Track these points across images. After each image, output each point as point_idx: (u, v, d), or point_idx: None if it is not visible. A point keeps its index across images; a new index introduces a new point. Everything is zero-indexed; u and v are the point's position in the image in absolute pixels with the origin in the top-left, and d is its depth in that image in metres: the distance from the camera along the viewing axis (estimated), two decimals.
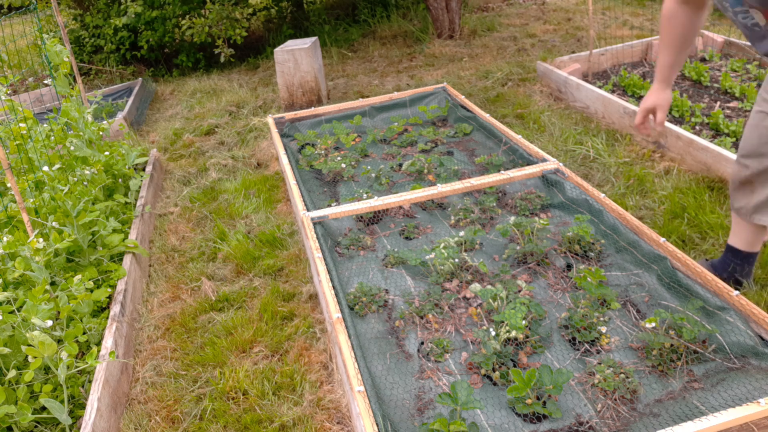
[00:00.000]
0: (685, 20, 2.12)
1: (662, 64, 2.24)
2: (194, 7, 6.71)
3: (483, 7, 7.96)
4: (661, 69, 2.25)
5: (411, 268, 2.49)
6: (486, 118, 3.73)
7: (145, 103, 5.69)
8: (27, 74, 7.15)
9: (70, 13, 7.56)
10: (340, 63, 6.32)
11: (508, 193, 2.98)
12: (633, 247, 2.36)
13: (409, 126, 4.03)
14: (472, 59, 5.75)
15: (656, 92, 2.26)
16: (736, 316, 1.90)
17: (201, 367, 2.29)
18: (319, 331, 2.37)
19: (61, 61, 3.50)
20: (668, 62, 2.22)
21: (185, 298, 2.71)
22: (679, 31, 2.16)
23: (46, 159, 3.16)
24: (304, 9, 8.24)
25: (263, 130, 4.56)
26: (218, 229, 3.22)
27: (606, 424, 1.71)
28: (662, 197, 2.93)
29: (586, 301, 2.13)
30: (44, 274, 2.36)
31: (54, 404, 1.89)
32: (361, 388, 1.80)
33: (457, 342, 2.09)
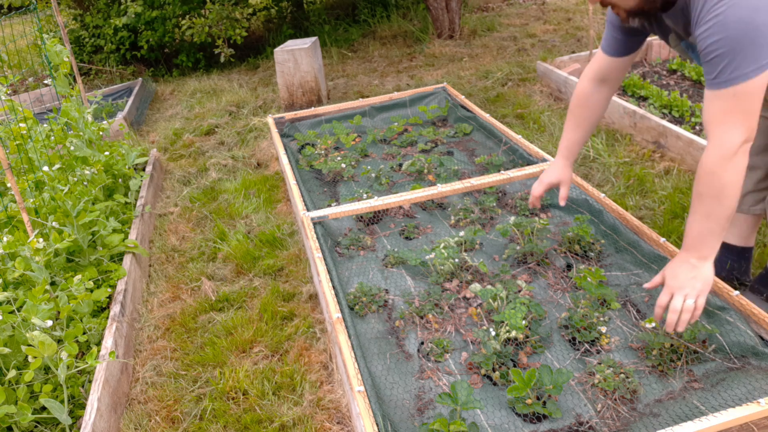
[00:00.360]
0: (601, 100, 2.14)
1: (571, 141, 2.24)
2: (194, 7, 6.71)
3: (483, 7, 7.96)
4: (569, 146, 2.25)
5: (411, 268, 2.49)
6: (486, 118, 3.73)
7: (145, 103, 5.69)
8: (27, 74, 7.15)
9: (70, 13, 7.56)
10: (340, 63, 6.32)
11: (508, 193, 2.98)
12: (633, 247, 2.36)
13: (409, 126, 4.03)
14: (472, 59, 5.75)
15: (561, 168, 2.30)
16: (736, 316, 1.90)
17: (201, 367, 2.29)
18: (319, 331, 2.37)
19: (61, 61, 3.50)
20: (577, 140, 2.24)
21: (185, 298, 2.71)
22: (593, 112, 2.17)
23: (46, 159, 3.16)
24: (304, 9, 8.24)
25: (263, 130, 4.56)
26: (218, 229, 3.22)
27: (606, 424, 1.71)
28: (662, 197, 2.93)
29: (586, 301, 2.13)
30: (44, 274, 2.36)
31: (54, 404, 1.89)
32: (361, 388, 1.80)
33: (457, 342, 2.09)
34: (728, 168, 1.59)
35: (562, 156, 2.30)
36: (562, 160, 2.30)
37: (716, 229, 1.67)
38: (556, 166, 2.32)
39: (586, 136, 2.25)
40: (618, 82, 2.12)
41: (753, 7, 1.44)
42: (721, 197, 1.63)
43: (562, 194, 2.32)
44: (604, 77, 2.10)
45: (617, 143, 3.57)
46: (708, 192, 1.64)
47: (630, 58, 2.04)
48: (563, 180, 2.30)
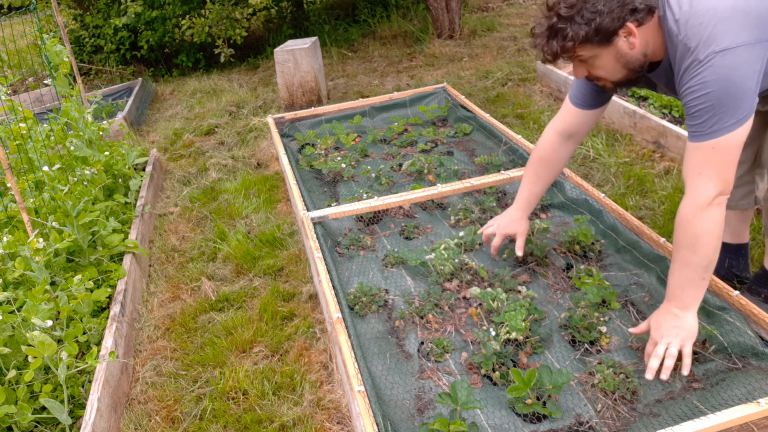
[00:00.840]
0: (565, 156, 2.17)
1: (531, 194, 2.26)
2: (194, 7, 6.71)
3: (483, 7, 7.96)
4: (528, 198, 2.27)
5: (411, 268, 2.49)
6: (486, 118, 3.73)
7: (145, 103, 5.69)
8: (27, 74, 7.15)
9: (70, 13, 7.56)
10: (340, 63, 6.32)
11: (508, 193, 2.98)
12: (633, 247, 2.36)
13: (409, 126, 4.03)
14: (472, 59, 5.75)
15: (518, 221, 2.31)
16: (736, 316, 1.90)
17: (201, 367, 2.29)
18: (319, 331, 2.37)
19: (61, 61, 3.50)
20: (537, 193, 2.25)
21: (185, 298, 2.71)
22: (556, 166, 2.19)
23: (46, 159, 3.16)
24: (304, 9, 8.24)
25: (263, 130, 4.56)
26: (218, 229, 3.22)
27: (606, 424, 1.71)
28: (662, 197, 2.93)
29: (586, 301, 2.13)
30: (44, 274, 2.36)
31: (54, 404, 1.89)
32: (361, 388, 1.80)
33: (457, 342, 2.09)
34: (702, 218, 1.65)
35: (520, 208, 2.30)
36: (520, 212, 2.31)
37: (695, 278, 1.72)
38: (513, 218, 2.32)
39: (545, 188, 2.28)
40: (585, 135, 2.13)
41: (731, 65, 1.53)
42: (696, 246, 1.68)
43: (518, 245, 2.31)
44: (572, 132, 2.11)
45: (617, 143, 3.57)
46: (683, 241, 1.70)
47: (602, 110, 2.05)
48: (520, 233, 2.32)
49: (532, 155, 2.25)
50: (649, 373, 1.77)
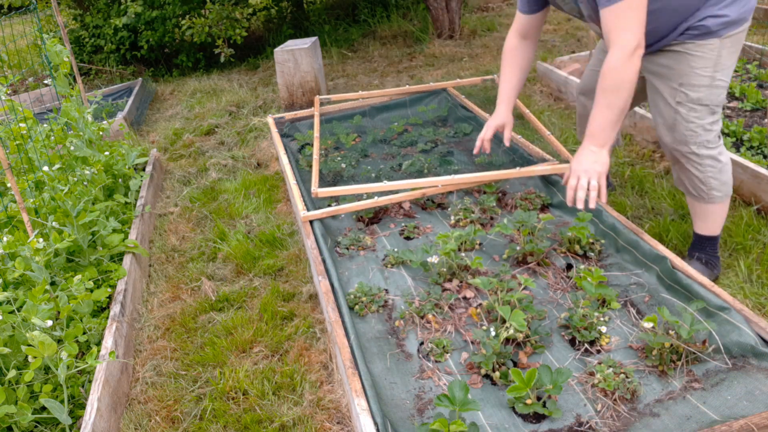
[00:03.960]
0: (526, 52, 2.60)
1: (506, 89, 2.68)
2: (194, 7, 6.71)
3: (483, 7, 7.96)
4: (507, 93, 2.69)
5: (411, 267, 2.49)
6: (486, 118, 3.72)
7: (145, 103, 5.69)
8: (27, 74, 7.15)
9: (70, 13, 7.56)
10: (340, 63, 6.32)
11: (508, 193, 2.98)
12: (633, 247, 2.36)
13: (409, 126, 4.03)
14: (472, 59, 5.75)
15: (503, 113, 2.74)
16: (736, 316, 1.90)
17: (201, 367, 2.29)
18: (319, 331, 2.37)
19: (61, 61, 3.50)
20: (513, 87, 2.66)
21: (185, 298, 2.71)
22: (522, 61, 2.62)
23: (46, 159, 3.16)
24: (304, 9, 8.24)
25: (263, 130, 4.56)
26: (218, 229, 3.22)
27: (606, 424, 1.71)
28: (662, 197, 2.93)
29: (586, 301, 2.13)
30: (44, 274, 2.36)
31: (54, 404, 1.89)
32: (361, 388, 1.80)
33: (457, 342, 2.09)
34: (627, 66, 1.97)
35: (503, 102, 2.72)
36: (503, 106, 2.73)
37: (614, 119, 2.05)
38: (499, 112, 2.74)
39: (519, 84, 2.67)
40: (536, 36, 2.59)
41: None
42: (620, 90, 2.00)
43: (506, 136, 2.76)
44: (525, 34, 2.56)
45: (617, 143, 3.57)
46: (610, 86, 2.01)
47: (542, 14, 2.49)
48: (507, 122, 2.75)
49: (502, 60, 2.67)
50: (579, 203, 2.10)
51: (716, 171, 2.21)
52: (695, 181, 2.25)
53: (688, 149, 2.19)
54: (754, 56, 4.35)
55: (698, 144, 2.17)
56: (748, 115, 3.62)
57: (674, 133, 2.21)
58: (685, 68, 2.12)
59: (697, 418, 1.66)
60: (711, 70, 2.09)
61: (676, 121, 2.19)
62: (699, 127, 2.16)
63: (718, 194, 2.25)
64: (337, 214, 2.88)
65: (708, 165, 2.20)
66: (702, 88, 2.11)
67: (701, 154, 2.19)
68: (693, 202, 2.33)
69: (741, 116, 3.61)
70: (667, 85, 2.18)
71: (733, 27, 2.05)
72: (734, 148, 3.21)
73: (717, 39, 2.05)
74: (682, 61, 2.12)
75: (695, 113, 2.14)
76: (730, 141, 3.25)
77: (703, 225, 2.35)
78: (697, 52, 2.08)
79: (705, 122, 2.15)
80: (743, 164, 2.75)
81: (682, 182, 2.32)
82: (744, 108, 3.70)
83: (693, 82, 2.11)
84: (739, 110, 3.70)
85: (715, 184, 2.23)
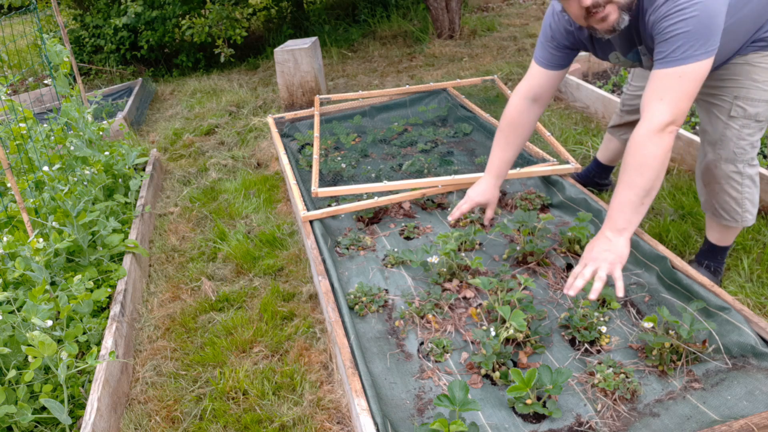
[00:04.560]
0: (532, 119, 2.25)
1: (501, 160, 2.32)
2: (194, 7, 6.71)
3: (483, 7, 7.96)
4: (499, 165, 2.32)
5: (411, 267, 2.49)
6: (486, 118, 3.73)
7: (145, 103, 5.69)
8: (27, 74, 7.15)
9: (70, 13, 7.56)
10: (340, 63, 6.32)
11: (509, 193, 2.98)
12: (633, 247, 2.36)
13: (409, 126, 4.03)
14: (472, 59, 5.75)
15: (490, 189, 2.38)
16: (736, 316, 1.90)
17: (201, 367, 2.29)
18: (319, 331, 2.37)
19: (61, 61, 3.50)
20: (508, 160, 2.31)
21: (185, 298, 2.71)
22: (524, 131, 2.27)
23: (46, 159, 3.16)
24: (304, 9, 8.24)
25: (263, 130, 4.56)
26: (218, 229, 3.22)
27: (606, 424, 1.71)
28: (662, 197, 2.93)
29: (586, 301, 2.13)
30: (44, 274, 2.36)
31: (54, 404, 1.89)
32: (361, 388, 1.80)
33: (457, 342, 2.09)
34: (654, 142, 1.74)
35: (492, 175, 2.37)
36: (492, 179, 2.38)
37: (635, 201, 1.79)
38: (486, 185, 2.37)
39: (516, 155, 2.35)
40: (548, 100, 2.25)
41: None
42: (643, 169, 1.76)
43: (488, 215, 2.44)
44: (536, 95, 2.22)
45: None
46: (633, 162, 1.78)
47: (563, 72, 2.18)
48: (490, 201, 2.41)
49: (501, 121, 2.31)
50: (572, 291, 1.86)
51: (752, 192, 2.10)
52: (731, 204, 2.11)
53: (734, 168, 2.04)
54: None
55: (744, 162, 2.04)
56: None
57: (721, 150, 2.04)
58: (745, 81, 1.95)
59: (697, 418, 1.66)
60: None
61: (725, 136, 2.02)
62: (749, 144, 2.01)
63: (750, 217, 2.13)
64: (337, 214, 2.88)
65: (747, 185, 2.08)
66: (761, 102, 1.95)
67: (744, 173, 2.05)
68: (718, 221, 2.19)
69: None
70: (722, 99, 2.01)
71: None
72: None
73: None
74: (743, 74, 1.95)
75: (748, 129, 1.99)
76: None
77: (720, 237, 2.26)
78: (762, 64, 1.91)
79: (754, 139, 2.02)
80: None
81: (712, 205, 2.16)
82: None
83: (752, 96, 1.95)
84: None
85: (749, 207, 2.11)
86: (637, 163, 1.77)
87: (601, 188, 3.00)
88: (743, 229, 2.57)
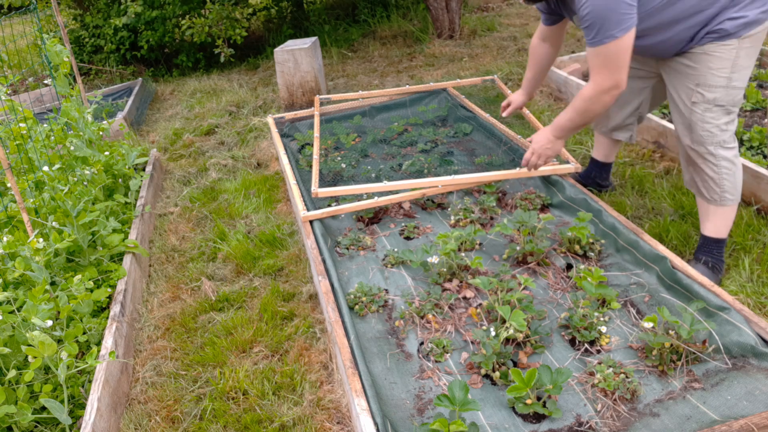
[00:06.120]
0: (546, 51, 2.82)
1: (525, 78, 3.00)
2: (194, 7, 6.71)
3: (483, 7, 7.96)
4: (524, 81, 3.02)
5: (411, 267, 2.49)
6: (486, 117, 3.73)
7: (145, 103, 5.69)
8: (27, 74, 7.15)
9: (70, 13, 7.56)
10: (340, 63, 6.32)
11: (508, 193, 2.98)
12: (633, 247, 2.36)
13: (409, 126, 4.03)
14: (472, 59, 5.75)
15: (516, 95, 3.09)
16: (736, 316, 1.90)
17: (201, 367, 2.29)
18: (319, 331, 2.37)
19: (61, 61, 3.50)
20: (530, 77, 2.96)
21: (185, 298, 2.71)
22: (538, 59, 2.86)
23: (46, 159, 3.16)
24: (304, 9, 8.24)
25: (263, 130, 4.56)
26: (218, 229, 3.22)
27: (606, 424, 1.71)
28: (662, 197, 2.93)
29: (586, 301, 2.13)
30: (44, 274, 2.36)
31: (54, 404, 1.89)
32: (361, 388, 1.80)
33: (457, 342, 2.09)
34: (598, 100, 2.23)
35: (522, 88, 3.07)
36: (520, 90, 3.09)
37: (573, 128, 2.43)
38: (515, 93, 3.11)
39: (536, 76, 2.95)
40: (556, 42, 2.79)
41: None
42: (585, 114, 2.32)
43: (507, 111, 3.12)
44: (544, 38, 2.79)
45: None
46: (579, 108, 2.31)
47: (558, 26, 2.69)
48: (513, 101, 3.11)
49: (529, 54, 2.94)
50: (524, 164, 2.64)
51: (731, 173, 2.25)
52: (709, 183, 2.28)
53: (705, 149, 2.24)
54: None
55: (715, 144, 2.22)
56: (748, 115, 3.62)
57: (692, 133, 2.26)
58: (702, 69, 2.17)
59: (697, 418, 1.66)
60: (728, 71, 2.13)
61: (692, 121, 2.24)
62: (715, 127, 2.20)
63: (730, 197, 2.28)
64: (337, 214, 2.88)
65: (723, 166, 2.24)
66: (718, 89, 2.16)
67: (717, 154, 2.23)
68: (703, 204, 2.36)
69: (741, 116, 3.61)
70: (685, 86, 2.24)
71: (752, 27, 2.08)
72: None
73: (736, 39, 2.09)
74: (700, 62, 2.17)
75: (711, 113, 2.19)
76: None
77: (712, 227, 2.36)
78: (716, 53, 2.13)
79: (720, 122, 2.20)
80: (743, 164, 2.74)
81: (694, 183, 2.35)
82: (744, 108, 3.70)
83: (710, 82, 2.16)
84: (739, 110, 3.70)
85: (728, 186, 2.26)
86: (583, 111, 2.31)
87: (601, 189, 3.02)
88: (742, 228, 2.57)
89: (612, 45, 2.07)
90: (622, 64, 2.11)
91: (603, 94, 2.19)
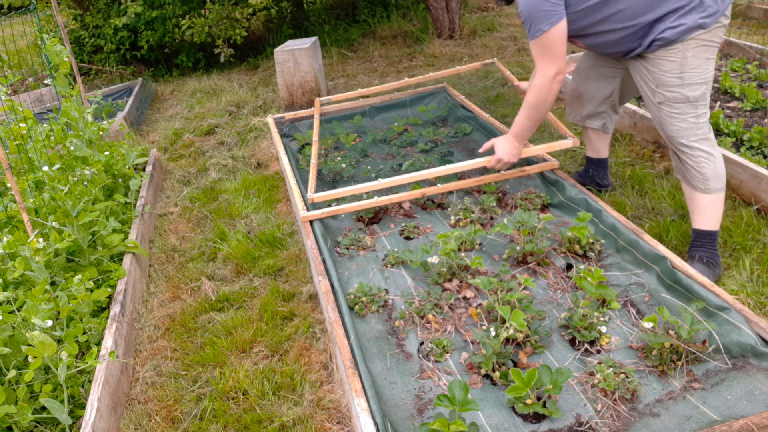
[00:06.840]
0: None
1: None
2: (194, 7, 6.71)
3: (483, 7, 7.95)
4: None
5: (411, 268, 2.49)
6: (486, 117, 3.73)
7: (145, 103, 5.69)
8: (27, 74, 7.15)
9: (70, 13, 7.56)
10: (340, 63, 6.32)
11: (508, 193, 2.98)
12: (633, 247, 2.36)
13: (409, 126, 4.03)
14: (472, 59, 5.75)
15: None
16: (736, 316, 1.90)
17: (201, 367, 2.29)
18: (319, 331, 2.37)
19: (61, 61, 3.50)
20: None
21: (185, 298, 2.71)
22: None
23: (46, 159, 3.16)
24: (304, 9, 8.24)
25: (263, 130, 4.56)
26: (218, 229, 3.22)
27: (606, 424, 1.71)
28: (662, 197, 2.93)
29: (586, 301, 2.13)
30: (44, 274, 2.36)
31: (54, 404, 1.89)
32: (361, 388, 1.80)
33: (457, 342, 2.09)
34: (548, 88, 2.45)
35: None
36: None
37: (532, 126, 2.62)
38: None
39: None
40: None
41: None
42: (539, 107, 2.51)
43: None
44: None
45: (617, 143, 3.57)
46: (532, 101, 2.51)
47: None
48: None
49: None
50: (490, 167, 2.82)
51: (709, 162, 2.33)
52: (692, 171, 2.36)
53: (678, 143, 2.36)
54: (754, 56, 4.35)
55: (686, 137, 2.34)
56: (748, 115, 3.62)
57: (663, 129, 2.41)
58: (657, 72, 2.34)
59: (697, 418, 1.66)
60: (678, 72, 2.28)
61: (661, 118, 2.38)
62: (683, 121, 2.32)
63: (714, 185, 2.34)
64: (337, 214, 2.88)
65: (700, 156, 2.33)
66: (674, 87, 2.31)
67: (691, 145, 2.34)
68: (691, 193, 2.41)
69: (741, 116, 3.61)
70: (648, 87, 2.40)
71: (692, 32, 2.22)
72: (734, 148, 3.20)
73: (679, 44, 2.25)
74: (654, 66, 2.35)
75: (676, 110, 2.33)
76: (730, 141, 3.25)
77: (701, 219, 2.40)
78: (664, 57, 2.30)
79: (688, 116, 2.32)
80: (743, 164, 2.74)
81: (681, 171, 2.44)
82: (744, 108, 3.70)
83: (665, 83, 2.33)
84: (739, 110, 3.70)
85: (710, 174, 2.33)
86: (536, 103, 2.50)
87: (601, 188, 3.02)
88: (742, 228, 2.57)
89: (544, 37, 2.35)
90: (558, 52, 2.38)
91: (550, 81, 2.42)
